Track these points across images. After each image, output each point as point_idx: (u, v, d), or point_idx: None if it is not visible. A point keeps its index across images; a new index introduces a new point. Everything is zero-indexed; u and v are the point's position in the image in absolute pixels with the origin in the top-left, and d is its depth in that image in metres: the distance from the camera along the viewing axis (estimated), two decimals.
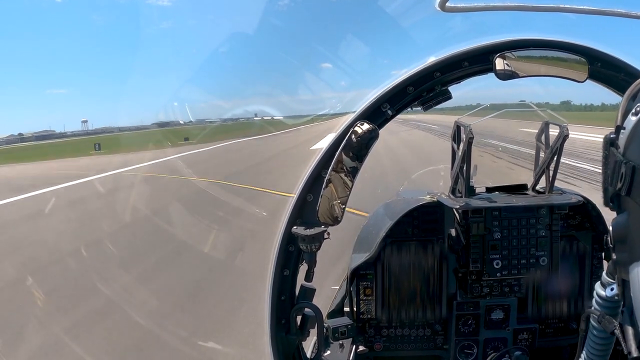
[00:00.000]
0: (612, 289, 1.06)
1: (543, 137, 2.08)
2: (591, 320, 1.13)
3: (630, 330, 0.94)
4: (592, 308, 1.13)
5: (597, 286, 1.11)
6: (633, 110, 0.84)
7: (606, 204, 0.92)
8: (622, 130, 0.87)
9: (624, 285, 0.91)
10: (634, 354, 0.91)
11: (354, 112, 1.76)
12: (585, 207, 2.18)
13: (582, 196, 2.05)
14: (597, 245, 2.22)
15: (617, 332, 0.99)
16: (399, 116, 1.81)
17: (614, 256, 0.91)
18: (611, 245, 0.91)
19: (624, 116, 0.88)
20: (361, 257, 2.21)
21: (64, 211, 12.15)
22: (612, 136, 0.90)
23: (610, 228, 0.89)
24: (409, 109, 1.84)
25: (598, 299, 1.11)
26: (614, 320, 1.03)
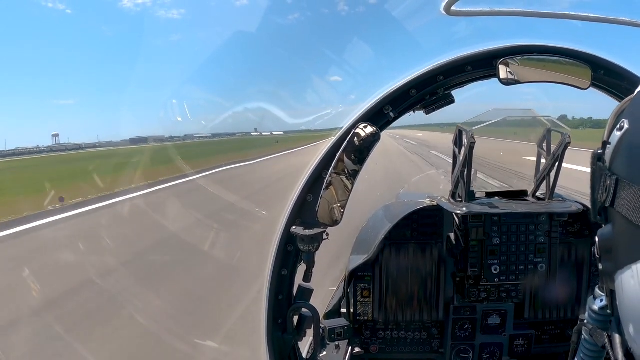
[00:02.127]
0: (601, 301, 1.08)
1: (545, 144, 2.08)
2: (583, 333, 1.14)
3: (617, 339, 0.96)
4: (585, 321, 1.14)
5: (589, 300, 1.13)
6: (618, 126, 0.88)
7: (594, 217, 0.96)
8: (608, 146, 0.91)
9: (612, 295, 0.93)
10: None
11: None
12: (585, 215, 2.18)
13: (582, 204, 2.05)
14: (594, 259, 2.22)
15: (607, 345, 1.01)
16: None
17: (600, 267, 0.94)
18: (598, 256, 0.94)
19: (610, 132, 0.92)
20: (359, 259, 2.21)
21: None
22: (599, 151, 0.94)
23: (597, 239, 0.92)
24: (412, 112, 1.85)
25: (591, 313, 1.12)
26: (604, 334, 1.05)
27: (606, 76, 1.68)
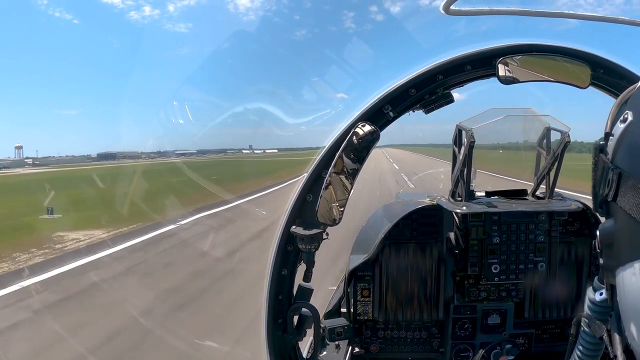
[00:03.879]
0: (601, 294, 1.07)
1: (544, 142, 2.08)
2: (582, 325, 1.14)
3: (616, 335, 0.95)
4: (584, 312, 1.13)
5: (589, 290, 1.12)
6: (621, 118, 0.86)
7: (595, 209, 0.95)
8: (610, 137, 0.89)
9: (612, 290, 0.93)
10: (620, 358, 0.92)
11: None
12: (584, 214, 2.18)
13: (582, 203, 2.05)
14: (595, 252, 2.22)
15: (605, 337, 1.00)
16: None
17: (601, 261, 0.93)
18: (599, 250, 0.93)
19: (613, 123, 0.90)
20: (359, 259, 2.20)
21: None
22: (601, 142, 0.92)
23: (598, 233, 0.91)
24: (411, 111, 1.84)
25: (589, 303, 1.12)
26: (603, 326, 1.04)
27: (605, 75, 1.68)
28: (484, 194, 2.17)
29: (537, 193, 2.16)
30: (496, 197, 2.16)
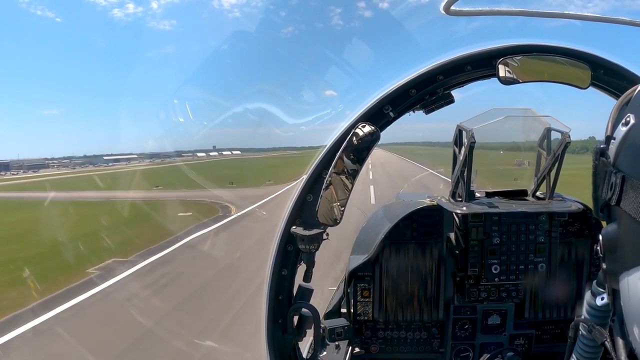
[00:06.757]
0: (602, 299, 1.06)
1: (545, 143, 2.08)
2: (581, 329, 1.13)
3: (620, 340, 0.94)
4: (583, 317, 1.12)
5: (588, 295, 1.11)
6: (623, 121, 0.85)
7: (596, 213, 0.93)
8: (612, 141, 0.88)
9: (615, 294, 0.92)
10: None
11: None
12: (584, 215, 2.18)
13: (582, 203, 2.05)
14: (596, 255, 2.22)
15: (607, 343, 0.99)
16: None
17: (603, 265, 0.92)
18: (601, 255, 0.92)
19: (614, 126, 0.89)
20: (359, 259, 2.20)
21: None
22: (602, 146, 0.91)
23: (600, 237, 0.90)
24: (411, 111, 1.84)
25: (589, 309, 1.11)
26: (604, 331, 1.03)
27: (605, 75, 1.68)
28: (484, 194, 2.17)
29: (537, 194, 2.16)
30: (496, 197, 2.16)
